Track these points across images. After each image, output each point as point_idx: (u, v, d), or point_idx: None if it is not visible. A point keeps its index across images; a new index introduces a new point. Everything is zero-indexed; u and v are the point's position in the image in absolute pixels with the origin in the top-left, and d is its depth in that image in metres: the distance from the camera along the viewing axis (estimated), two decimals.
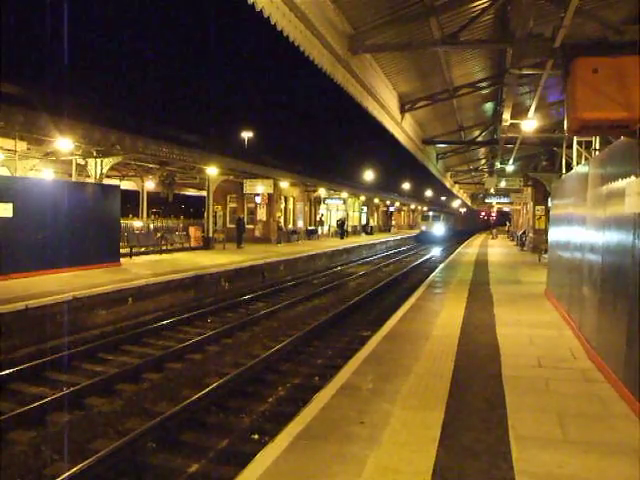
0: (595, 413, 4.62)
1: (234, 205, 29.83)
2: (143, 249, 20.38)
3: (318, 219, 38.59)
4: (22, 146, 15.14)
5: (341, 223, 38.94)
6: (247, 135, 36.20)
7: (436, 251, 37.01)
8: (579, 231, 7.44)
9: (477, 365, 6.04)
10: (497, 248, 30.90)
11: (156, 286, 12.86)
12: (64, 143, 14.34)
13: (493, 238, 44.45)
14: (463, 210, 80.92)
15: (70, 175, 19.56)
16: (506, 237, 45.92)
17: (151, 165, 21.35)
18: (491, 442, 3.98)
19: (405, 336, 7.56)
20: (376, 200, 51.86)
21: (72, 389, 7.00)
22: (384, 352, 6.64)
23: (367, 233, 47.20)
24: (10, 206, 12.21)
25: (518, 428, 4.24)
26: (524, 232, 30.91)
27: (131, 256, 18.33)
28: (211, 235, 23.76)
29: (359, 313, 13.07)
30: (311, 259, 23.81)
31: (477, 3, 9.71)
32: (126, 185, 27.63)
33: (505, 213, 60.70)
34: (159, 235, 22.13)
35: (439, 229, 49.65)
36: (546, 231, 18.32)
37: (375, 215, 56.37)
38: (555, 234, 10.79)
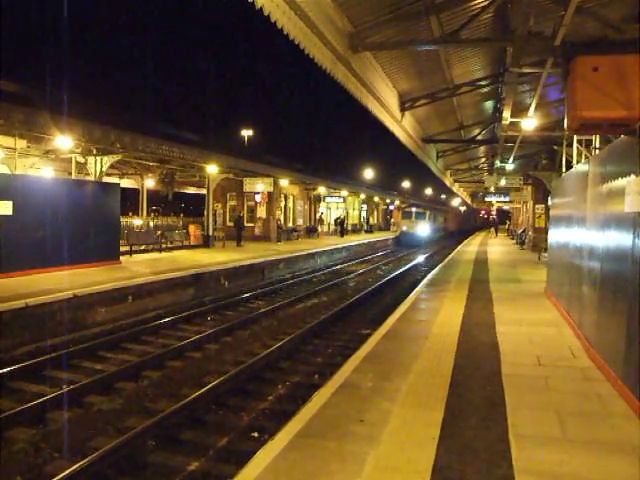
0: (594, 412, 4.62)
1: (234, 203, 29.81)
2: (143, 247, 20.38)
3: (318, 217, 38.58)
4: (22, 144, 15.14)
5: (341, 221, 38.94)
6: (247, 133, 36.17)
7: (436, 249, 36.97)
8: (579, 230, 7.44)
9: (477, 364, 6.04)
10: (497, 247, 30.90)
11: (156, 284, 12.86)
12: (64, 141, 14.33)
13: (493, 237, 43.75)
14: (462, 208, 77.75)
15: (70, 173, 19.57)
16: (506, 235, 45.88)
17: (151, 163, 21.35)
18: (491, 440, 3.99)
19: (405, 334, 7.57)
20: (376, 198, 51.78)
21: (72, 387, 7.00)
22: (384, 350, 6.65)
23: (367, 231, 47.17)
24: (10, 204, 12.20)
25: (518, 427, 4.24)
26: (524, 230, 30.93)
27: (131, 254, 18.33)
28: (211, 233, 23.76)
29: (359, 311, 13.07)
30: (311, 257, 23.82)
31: (477, 1, 9.69)
32: (126, 183, 27.65)
33: (506, 211, 60.67)
34: (159, 233, 22.12)
35: (424, 229, 41.58)
36: (546, 230, 18.31)
37: (375, 213, 56.36)
38: (555, 233, 10.79)
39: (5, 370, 7.58)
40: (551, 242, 11.54)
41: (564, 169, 13.19)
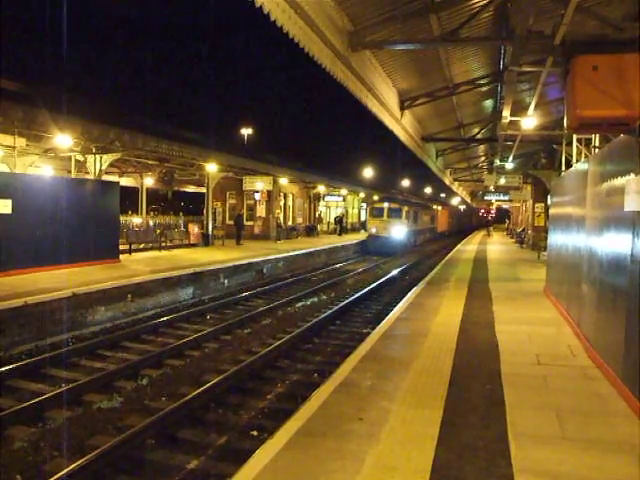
0: (594, 411, 4.62)
1: (233, 202, 29.80)
2: (142, 246, 20.38)
3: (317, 216, 38.59)
4: (21, 142, 15.11)
5: (339, 220, 38.94)
6: (246, 132, 36.17)
7: (436, 249, 36.97)
8: (578, 229, 7.44)
9: (476, 363, 6.04)
10: (496, 246, 30.92)
11: (155, 283, 12.86)
12: (63, 139, 14.31)
13: (489, 236, 43.12)
14: (460, 206, 71.35)
15: (69, 172, 19.54)
16: (505, 234, 45.80)
17: (150, 162, 21.33)
18: (490, 439, 3.99)
19: (404, 333, 7.56)
20: (375, 197, 51.63)
21: (71, 385, 7.00)
22: (383, 349, 6.65)
23: (366, 230, 47.06)
24: (9, 202, 12.18)
25: (517, 425, 4.24)
26: (523, 229, 30.96)
27: (130, 252, 18.32)
28: (210, 232, 23.75)
29: (358, 310, 13.07)
30: (310, 256, 23.81)
31: (477, 0, 9.68)
32: (125, 182, 27.62)
33: (505, 210, 60.46)
34: (158, 232, 22.11)
35: (400, 232, 31.11)
36: (545, 229, 18.30)
37: None
38: (554, 232, 10.79)
39: (4, 369, 7.58)
40: (550, 241, 11.54)
41: (564, 168, 13.20)
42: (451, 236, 54.30)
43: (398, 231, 31.07)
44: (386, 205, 32.50)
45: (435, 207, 51.90)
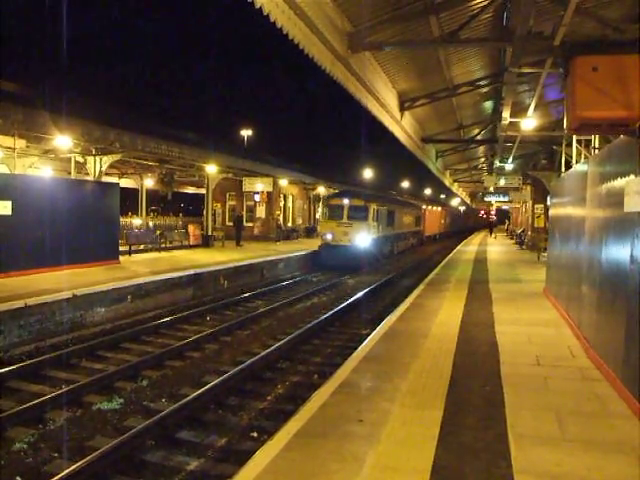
0: (594, 412, 4.62)
1: (233, 203, 29.82)
2: (142, 247, 20.38)
3: (317, 217, 38.59)
4: (21, 144, 15.13)
5: None
6: (246, 133, 36.18)
7: (437, 248, 36.93)
8: (578, 230, 7.44)
9: (476, 363, 6.04)
10: (496, 247, 30.91)
11: (155, 284, 12.85)
12: (63, 141, 14.32)
13: (494, 238, 42.78)
14: (459, 206, 67.81)
15: (69, 173, 19.55)
16: (505, 235, 45.75)
17: (150, 163, 21.34)
18: (490, 440, 3.98)
19: (404, 334, 7.56)
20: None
21: (71, 387, 7.00)
22: (383, 350, 6.65)
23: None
24: (9, 204, 12.18)
25: (517, 426, 4.24)
26: (523, 230, 30.97)
27: (130, 254, 18.32)
28: (210, 233, 23.76)
29: (358, 311, 13.06)
30: (310, 257, 23.79)
31: (477, 1, 9.69)
32: (125, 183, 27.64)
33: (505, 211, 60.45)
34: (158, 233, 22.12)
35: (365, 238, 22.53)
36: (545, 230, 18.28)
37: None
38: (554, 233, 10.80)
39: (4, 370, 7.57)
40: (550, 242, 11.55)
41: (563, 169, 13.20)
42: (443, 241, 47.71)
43: (363, 238, 22.55)
44: (346, 202, 23.03)
45: (423, 205, 43.24)
